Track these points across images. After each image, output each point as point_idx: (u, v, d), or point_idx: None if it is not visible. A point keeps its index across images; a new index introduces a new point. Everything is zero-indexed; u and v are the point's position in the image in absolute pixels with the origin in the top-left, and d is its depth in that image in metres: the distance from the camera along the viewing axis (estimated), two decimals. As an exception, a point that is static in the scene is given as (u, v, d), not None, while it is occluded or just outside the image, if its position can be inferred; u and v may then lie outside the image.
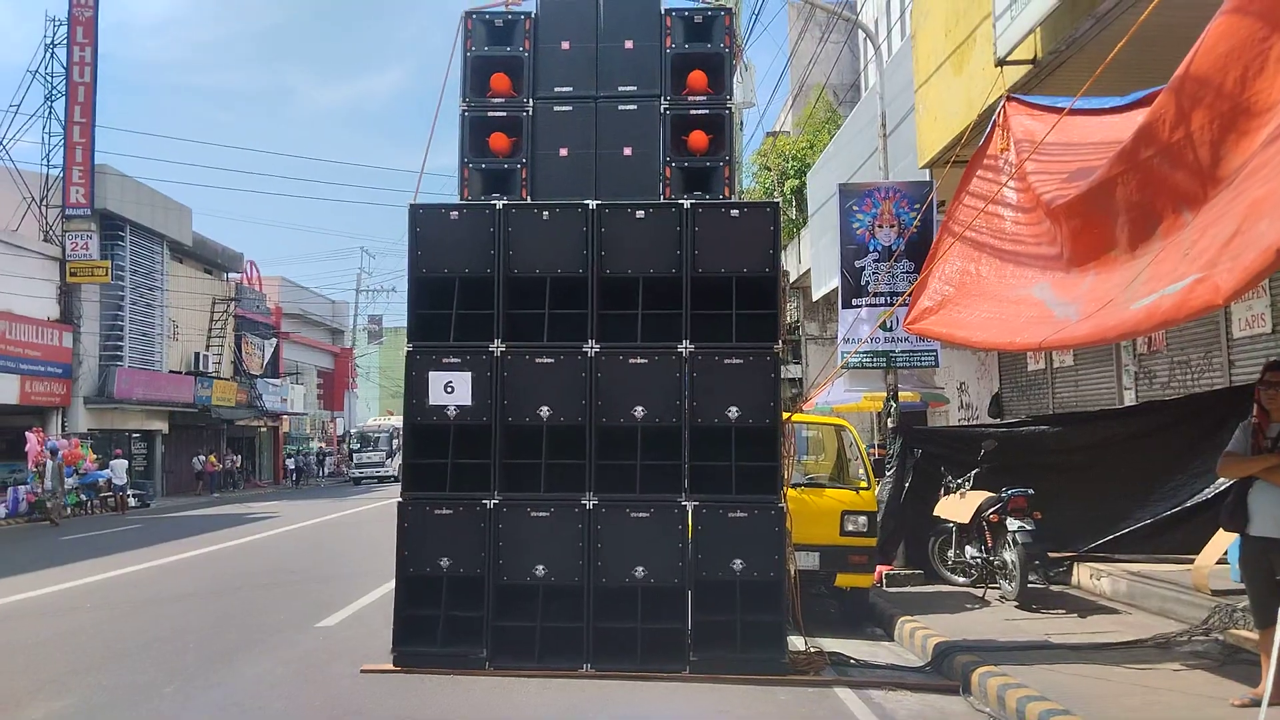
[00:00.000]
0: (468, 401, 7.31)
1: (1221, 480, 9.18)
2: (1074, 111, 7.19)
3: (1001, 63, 9.41)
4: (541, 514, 7.17)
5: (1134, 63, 7.15)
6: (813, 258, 21.83)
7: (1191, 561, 8.24)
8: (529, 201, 7.65)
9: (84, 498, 26.35)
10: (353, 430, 51.36)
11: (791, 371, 25.25)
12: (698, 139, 7.71)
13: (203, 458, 37.22)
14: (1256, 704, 5.18)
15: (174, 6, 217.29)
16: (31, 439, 25.02)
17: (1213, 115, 5.01)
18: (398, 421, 45.78)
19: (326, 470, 50.71)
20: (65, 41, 29.23)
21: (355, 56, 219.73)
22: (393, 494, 9.88)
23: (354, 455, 47.00)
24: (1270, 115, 4.61)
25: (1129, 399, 12.02)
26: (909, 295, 9.49)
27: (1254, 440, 5.71)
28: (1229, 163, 4.85)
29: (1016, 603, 8.97)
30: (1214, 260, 4.47)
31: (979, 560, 9.74)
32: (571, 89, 7.85)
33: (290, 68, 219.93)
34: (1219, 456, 5.89)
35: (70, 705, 6.36)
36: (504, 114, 7.84)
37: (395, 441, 42.73)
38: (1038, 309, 6.90)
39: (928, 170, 12.58)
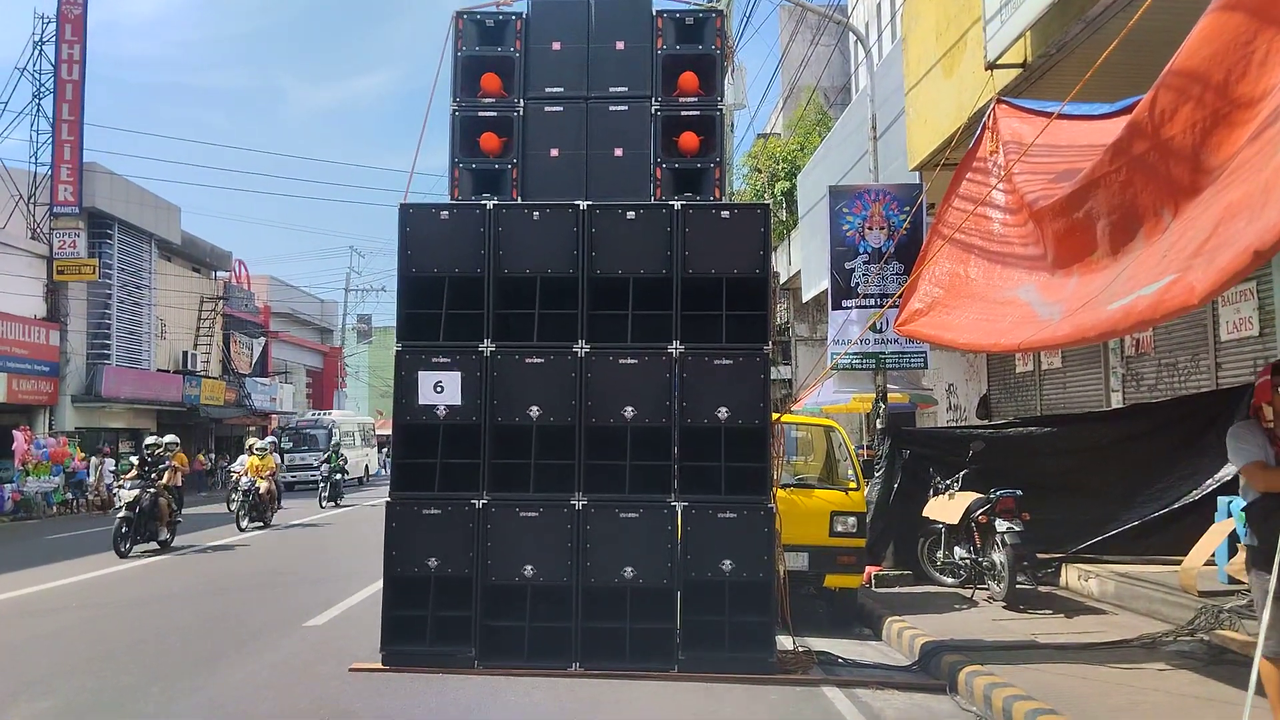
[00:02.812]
0: (457, 401, 7.30)
1: (1209, 482, 9.24)
2: (1063, 116, 7.23)
3: (992, 66, 9.45)
4: (530, 514, 7.17)
5: (1124, 67, 7.19)
6: (803, 259, 21.89)
7: (1178, 563, 8.29)
8: (519, 202, 7.65)
9: (70, 496, 26.24)
10: (283, 427, 41.90)
11: (781, 372, 25.29)
12: (688, 140, 7.71)
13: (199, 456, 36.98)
14: None
15: (164, 6, 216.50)
16: (19, 437, 24.89)
17: (1199, 112, 5.04)
18: (339, 415, 42.17)
19: None
20: (54, 39, 29.06)
21: (346, 57, 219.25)
22: (380, 494, 9.87)
23: (285, 456, 37.43)
24: (1254, 112, 4.64)
25: (1116, 401, 12.08)
26: (899, 297, 9.53)
27: (1276, 449, 4.94)
28: (1214, 159, 4.88)
29: (1004, 603, 9.00)
30: (1190, 261, 4.50)
31: (967, 561, 9.78)
32: (562, 89, 7.84)
33: (281, 68, 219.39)
34: (1201, 459, 5.78)
35: (53, 707, 6.33)
36: (495, 114, 7.83)
37: (335, 438, 36.29)
38: (1023, 310, 6.95)
39: (918, 173, 12.63)
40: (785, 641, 7.42)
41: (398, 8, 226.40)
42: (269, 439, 24.94)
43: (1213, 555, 8.03)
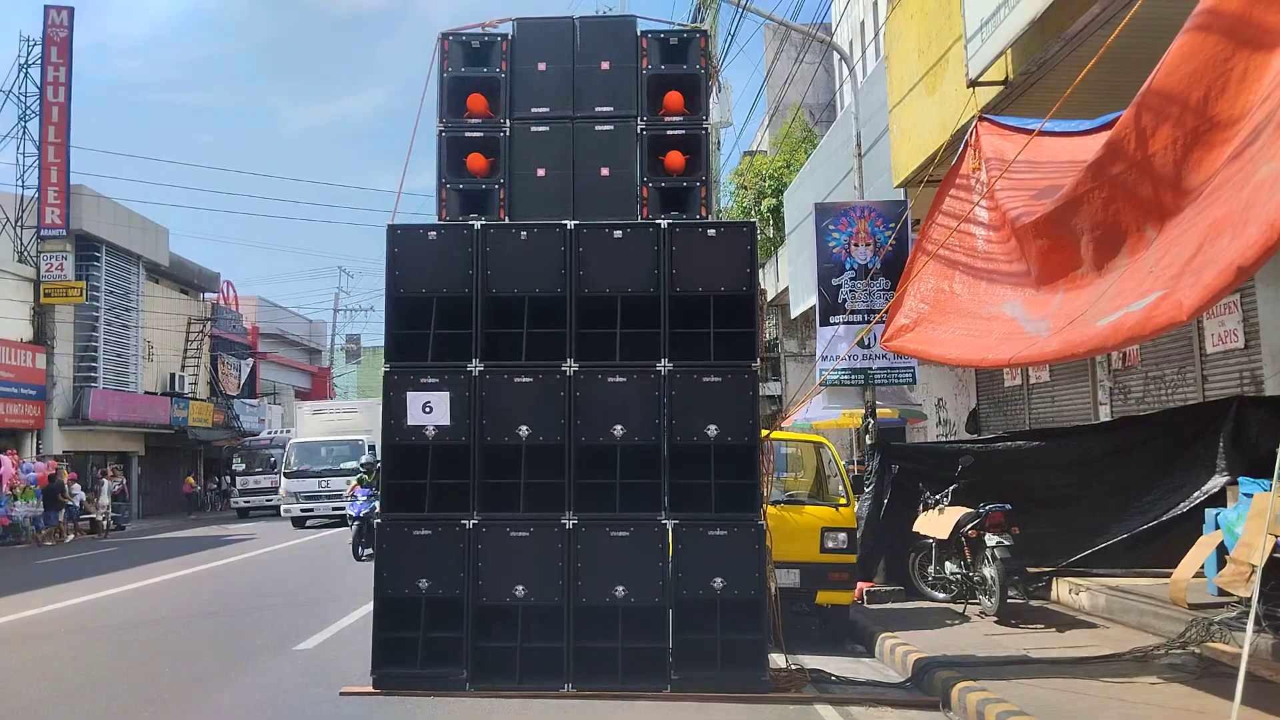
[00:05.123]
0: (446, 421, 7.29)
1: (1197, 494, 9.28)
2: (1044, 133, 7.30)
3: (973, 84, 9.53)
4: (521, 534, 7.15)
5: (1104, 84, 7.27)
6: (790, 276, 21.95)
7: (1168, 575, 8.31)
8: (507, 222, 7.67)
9: (57, 520, 25.98)
10: (232, 446, 39.10)
11: (770, 389, 25.31)
12: (674, 159, 7.75)
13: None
14: None
15: (155, 27, 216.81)
16: (5, 462, 24.70)
17: (1178, 131, 5.10)
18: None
19: None
20: (39, 61, 29.04)
21: (336, 77, 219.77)
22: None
23: (237, 479, 35.94)
24: (1233, 131, 4.70)
25: (1104, 414, 12.13)
26: (885, 313, 9.58)
27: None
28: (1194, 178, 4.94)
29: (996, 618, 9.01)
30: (1177, 277, 4.55)
31: (958, 576, 9.78)
32: (548, 109, 7.88)
33: (271, 88, 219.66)
34: (1189, 472, 5.83)
35: (43, 733, 6.26)
36: (481, 134, 7.86)
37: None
38: (1009, 326, 7.00)
39: (902, 189, 12.70)
40: (778, 659, 7.41)
41: (386, 27, 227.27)
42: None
43: (1201, 568, 8.05)
